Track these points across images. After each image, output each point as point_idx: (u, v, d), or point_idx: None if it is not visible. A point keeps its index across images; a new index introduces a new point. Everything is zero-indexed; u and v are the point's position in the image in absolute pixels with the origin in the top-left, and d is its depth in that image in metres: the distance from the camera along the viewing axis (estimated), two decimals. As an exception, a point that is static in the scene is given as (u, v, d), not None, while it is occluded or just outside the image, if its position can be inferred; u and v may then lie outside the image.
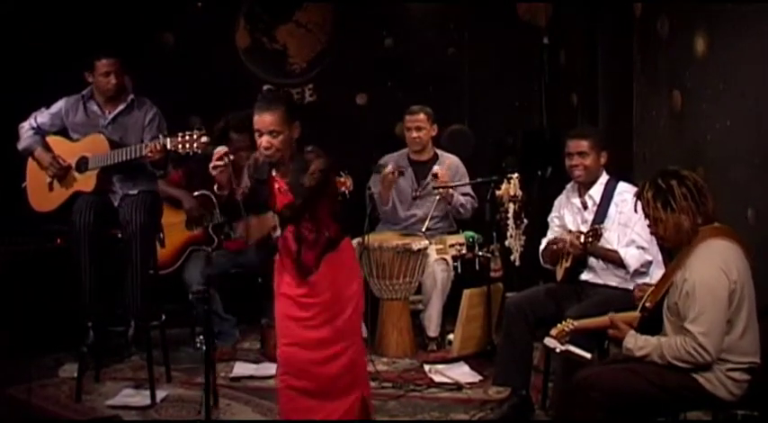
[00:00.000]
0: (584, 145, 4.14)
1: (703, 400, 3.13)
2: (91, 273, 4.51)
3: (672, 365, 3.08)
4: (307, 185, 3.40)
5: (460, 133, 6.08)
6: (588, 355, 3.29)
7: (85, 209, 4.53)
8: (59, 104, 4.74)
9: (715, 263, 3.07)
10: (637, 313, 3.33)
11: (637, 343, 3.16)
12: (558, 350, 3.36)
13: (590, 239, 3.94)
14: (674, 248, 3.32)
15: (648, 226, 3.28)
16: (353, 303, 3.57)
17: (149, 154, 4.39)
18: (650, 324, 3.26)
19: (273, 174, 3.55)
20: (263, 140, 3.42)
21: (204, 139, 4.26)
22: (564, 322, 3.40)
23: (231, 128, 5.28)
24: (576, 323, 3.39)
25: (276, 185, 3.55)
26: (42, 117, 4.74)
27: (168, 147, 4.33)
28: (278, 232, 3.36)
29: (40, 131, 4.73)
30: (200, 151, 4.31)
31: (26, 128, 4.74)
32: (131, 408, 4.21)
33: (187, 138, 4.30)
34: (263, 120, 3.41)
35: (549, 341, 3.38)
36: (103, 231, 4.56)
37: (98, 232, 4.51)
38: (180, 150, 4.33)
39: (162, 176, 4.73)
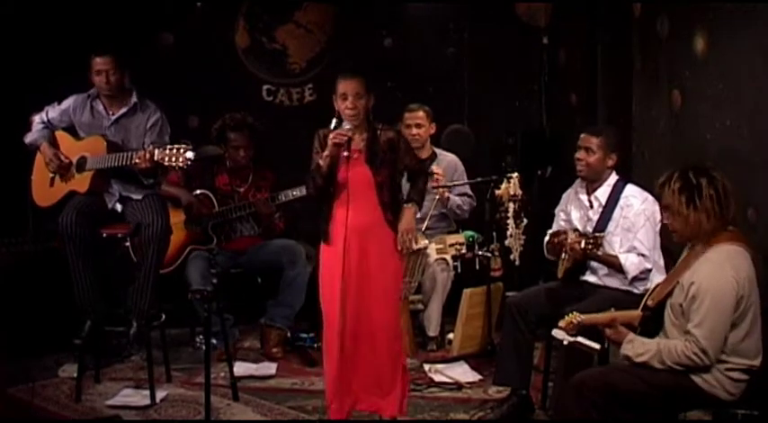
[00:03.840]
0: (593, 141, 4.10)
1: (700, 399, 3.13)
2: (82, 272, 4.49)
3: (671, 369, 3.08)
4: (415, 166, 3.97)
5: (460, 133, 6.07)
6: (597, 346, 3.23)
7: (70, 210, 4.49)
8: (69, 102, 4.70)
9: (725, 270, 3.04)
10: (639, 312, 3.32)
11: (635, 350, 3.14)
12: (565, 342, 3.31)
13: (590, 247, 3.91)
14: (682, 243, 3.29)
15: (665, 216, 3.24)
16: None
17: (137, 161, 4.35)
18: (652, 323, 3.25)
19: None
20: (349, 103, 3.75)
21: (189, 154, 4.22)
22: (571, 314, 3.35)
23: (228, 127, 5.29)
24: (582, 317, 3.33)
25: (346, 153, 3.77)
26: (53, 112, 4.71)
27: (155, 157, 4.26)
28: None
29: (49, 126, 4.71)
30: (183, 166, 4.27)
31: (37, 121, 4.71)
32: (131, 408, 4.21)
33: (174, 151, 4.23)
34: (351, 83, 3.76)
35: (557, 333, 3.33)
36: (90, 232, 4.52)
37: (83, 233, 4.46)
38: (165, 162, 4.25)
39: (151, 185, 4.67)
